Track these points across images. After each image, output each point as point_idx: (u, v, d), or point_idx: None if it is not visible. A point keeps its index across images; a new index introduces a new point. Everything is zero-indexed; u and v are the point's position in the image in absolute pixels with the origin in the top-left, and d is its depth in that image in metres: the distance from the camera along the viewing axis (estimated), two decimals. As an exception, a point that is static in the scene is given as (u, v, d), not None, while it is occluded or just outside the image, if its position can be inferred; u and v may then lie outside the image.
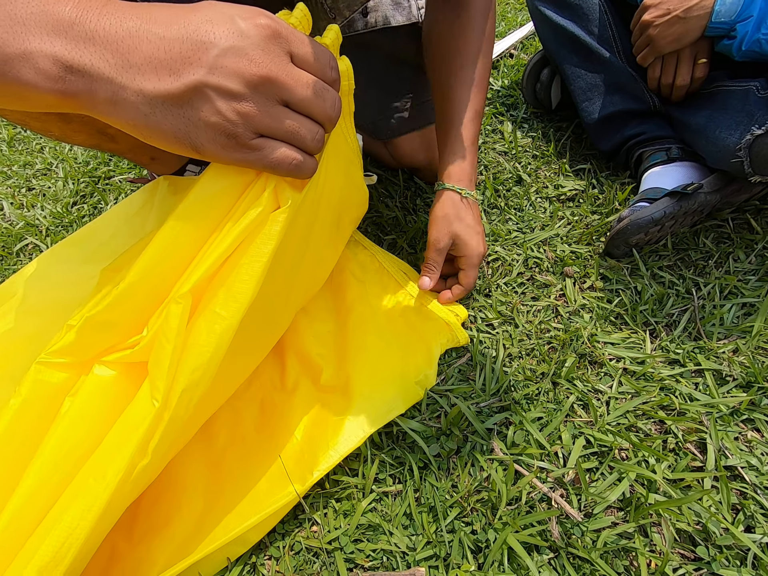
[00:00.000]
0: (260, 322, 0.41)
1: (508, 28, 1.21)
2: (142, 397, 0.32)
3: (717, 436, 0.45)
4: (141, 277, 0.32)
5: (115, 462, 0.31)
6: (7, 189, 0.90)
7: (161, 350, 0.31)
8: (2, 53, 0.24)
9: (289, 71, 0.28)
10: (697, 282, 0.59)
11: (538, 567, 0.39)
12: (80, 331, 0.32)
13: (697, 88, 0.66)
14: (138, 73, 0.26)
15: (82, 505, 0.30)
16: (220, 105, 0.27)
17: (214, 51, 0.26)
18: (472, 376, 0.52)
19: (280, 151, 0.29)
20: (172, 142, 0.29)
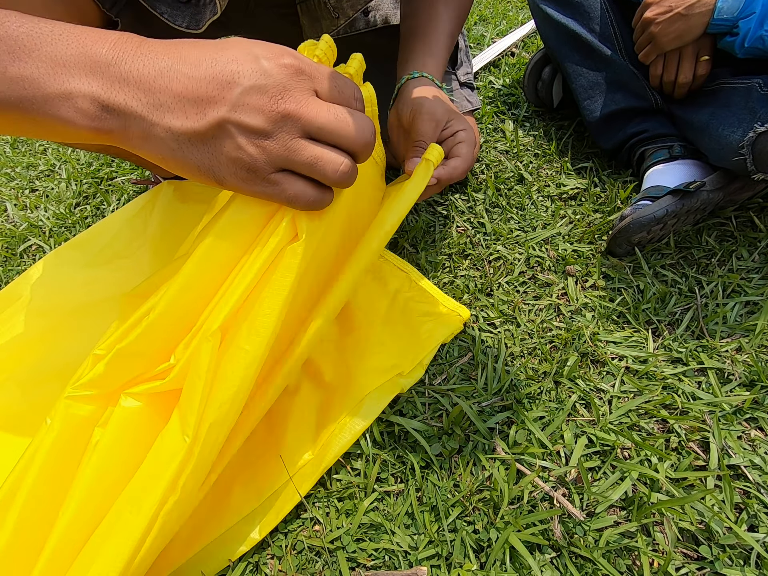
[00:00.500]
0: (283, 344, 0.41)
1: (510, 27, 1.21)
2: (172, 431, 0.33)
3: (720, 435, 0.45)
4: (170, 306, 0.32)
5: (150, 496, 0.31)
6: (10, 190, 0.91)
7: (192, 386, 0.32)
8: (43, 92, 0.26)
9: (309, 104, 0.28)
10: (700, 280, 0.59)
11: (540, 566, 0.39)
12: (110, 363, 0.32)
13: (700, 85, 0.66)
14: (167, 111, 0.27)
15: (120, 540, 0.31)
16: (241, 141, 0.28)
17: (237, 90, 0.27)
18: (474, 375, 0.52)
19: (296, 187, 0.30)
20: (196, 175, 0.30)
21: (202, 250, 0.32)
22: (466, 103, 0.74)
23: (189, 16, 0.50)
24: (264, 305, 0.33)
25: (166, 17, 0.48)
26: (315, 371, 0.52)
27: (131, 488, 0.32)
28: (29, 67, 0.25)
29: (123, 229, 0.61)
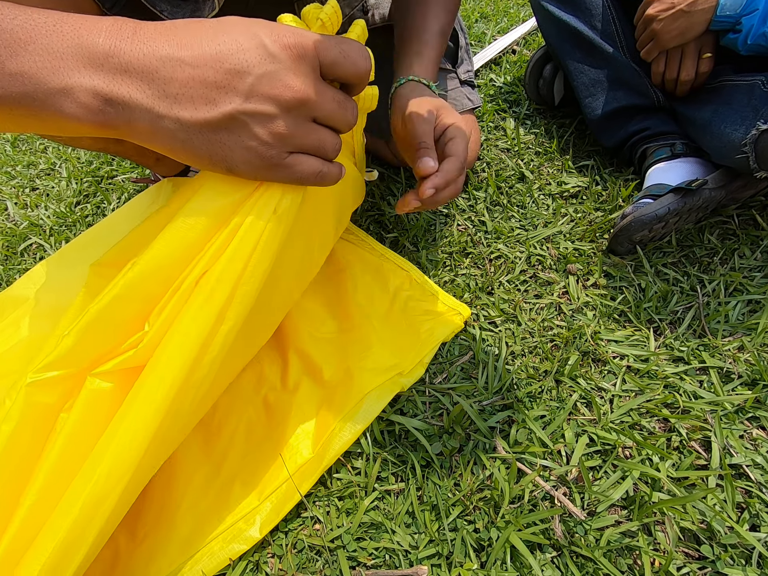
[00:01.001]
0: (264, 305, 0.41)
1: (511, 24, 1.20)
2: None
3: (722, 434, 0.44)
4: (151, 267, 0.31)
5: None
6: (11, 189, 0.91)
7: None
8: (44, 88, 0.25)
9: (318, 89, 0.29)
10: (702, 279, 0.59)
11: (540, 566, 0.39)
12: (78, 335, 0.30)
13: (702, 82, 0.66)
14: (175, 102, 0.27)
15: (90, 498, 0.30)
16: (257, 130, 0.28)
17: (248, 79, 0.27)
18: (475, 374, 0.52)
19: (307, 165, 0.31)
20: (206, 164, 0.30)
21: (185, 216, 0.31)
22: (466, 101, 0.74)
23: (189, 13, 0.50)
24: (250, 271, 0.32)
25: (165, 15, 0.48)
26: (315, 370, 0.52)
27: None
28: (27, 61, 0.24)
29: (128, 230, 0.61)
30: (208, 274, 0.32)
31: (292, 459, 0.45)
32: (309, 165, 0.31)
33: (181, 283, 0.32)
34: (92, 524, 0.30)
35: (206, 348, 0.32)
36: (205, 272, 0.32)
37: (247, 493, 0.43)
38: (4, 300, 0.53)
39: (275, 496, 0.43)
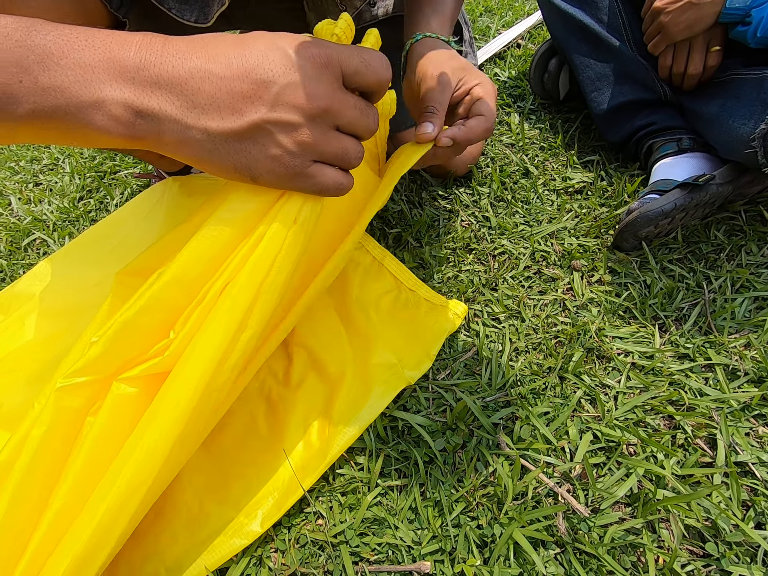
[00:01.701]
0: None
1: (516, 18, 1.19)
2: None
3: (727, 431, 0.44)
4: (177, 277, 0.32)
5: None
6: (14, 184, 0.91)
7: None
8: (76, 101, 0.25)
9: (340, 98, 0.29)
10: (708, 275, 0.58)
11: (544, 562, 0.38)
12: (107, 343, 0.31)
13: (710, 76, 0.65)
14: (202, 113, 0.27)
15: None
16: (282, 139, 0.28)
17: (274, 89, 0.27)
18: (478, 370, 0.52)
19: (328, 177, 0.31)
20: (231, 173, 0.30)
21: (213, 224, 0.32)
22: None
23: (197, 10, 0.49)
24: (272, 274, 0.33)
25: (174, 12, 0.48)
26: (320, 365, 0.52)
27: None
28: (59, 76, 0.25)
29: (133, 231, 0.61)
30: (231, 284, 0.32)
31: (296, 454, 0.45)
32: (331, 176, 0.31)
33: (206, 293, 0.33)
34: (115, 527, 0.31)
35: (228, 355, 0.33)
36: (228, 282, 0.32)
37: (249, 488, 0.43)
38: (9, 297, 0.53)
39: (277, 490, 0.43)
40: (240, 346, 0.33)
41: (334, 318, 0.56)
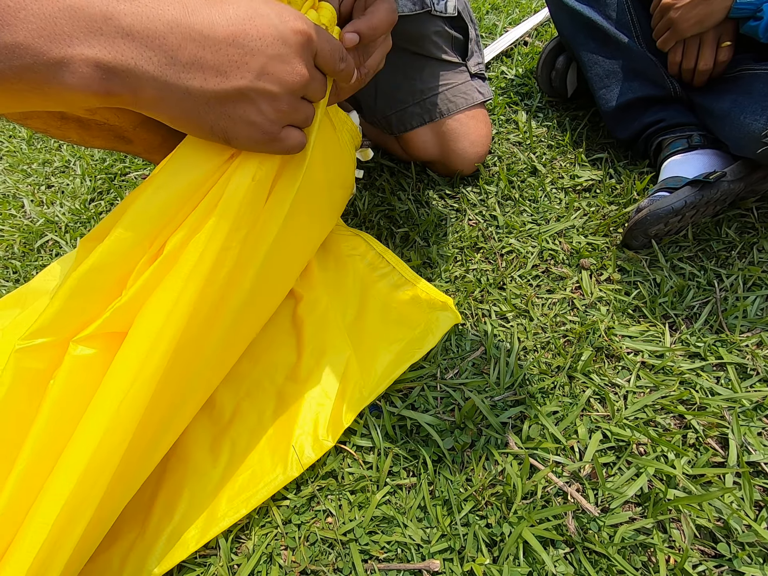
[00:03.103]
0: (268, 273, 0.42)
1: (523, 15, 1.18)
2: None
3: (739, 431, 0.44)
4: (128, 229, 0.31)
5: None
6: (27, 187, 0.93)
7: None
8: (43, 60, 0.23)
9: (313, 74, 0.31)
10: (719, 273, 0.58)
11: (553, 561, 0.38)
12: (62, 302, 0.31)
13: (721, 72, 0.64)
14: (183, 71, 0.27)
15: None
16: (264, 107, 0.30)
17: (261, 58, 0.28)
18: (486, 369, 0.52)
19: (294, 138, 0.33)
20: (206, 134, 0.31)
21: (155, 186, 0.32)
22: (477, 94, 0.73)
23: None
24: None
25: None
26: (326, 358, 0.52)
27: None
28: (21, 31, 0.22)
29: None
30: (195, 240, 0.32)
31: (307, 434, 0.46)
32: (297, 137, 0.33)
33: (162, 249, 0.32)
34: (87, 502, 0.30)
35: (198, 310, 0.33)
36: (189, 238, 0.32)
37: (254, 477, 0.44)
38: (26, 292, 0.54)
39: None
40: (208, 300, 0.33)
41: (342, 307, 0.57)
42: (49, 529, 0.29)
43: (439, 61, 0.70)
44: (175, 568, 0.41)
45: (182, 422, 0.42)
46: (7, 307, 0.53)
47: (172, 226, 0.33)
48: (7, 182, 0.94)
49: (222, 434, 0.47)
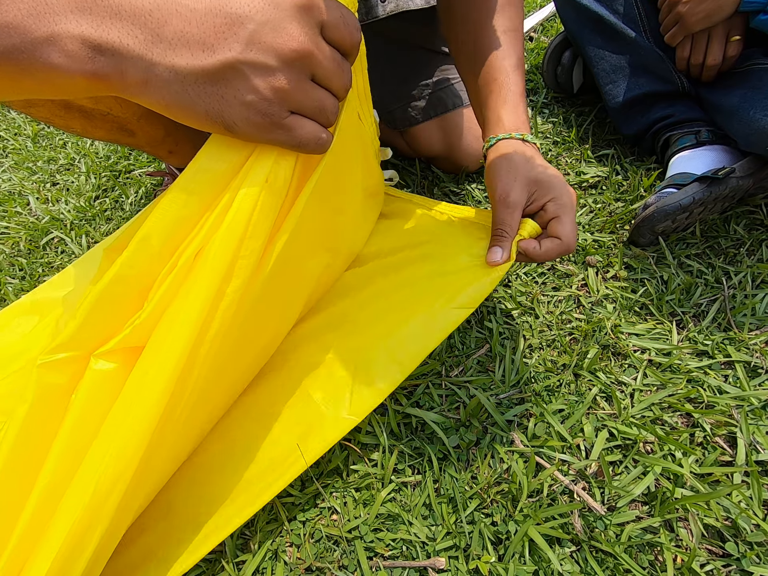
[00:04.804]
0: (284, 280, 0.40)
1: (528, 10, 1.17)
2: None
3: (748, 429, 0.43)
4: (146, 242, 0.31)
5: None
6: (32, 184, 0.93)
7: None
8: (30, 38, 0.23)
9: (319, 44, 0.27)
10: (728, 271, 0.57)
11: (559, 560, 0.38)
12: (83, 316, 0.30)
13: (730, 67, 0.63)
14: (169, 48, 0.25)
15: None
16: (257, 82, 0.26)
17: (250, 26, 0.25)
18: (492, 367, 0.52)
19: (307, 130, 0.29)
20: (203, 121, 0.28)
21: (177, 191, 0.31)
22: (483, 90, 0.72)
23: None
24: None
25: None
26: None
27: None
28: (11, 10, 0.23)
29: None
30: (206, 250, 0.31)
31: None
32: (310, 129, 0.29)
33: (178, 260, 0.32)
34: (98, 519, 0.30)
35: (208, 324, 0.32)
36: (202, 248, 0.31)
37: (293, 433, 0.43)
38: (44, 300, 0.53)
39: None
40: (219, 314, 0.32)
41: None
42: (64, 537, 0.29)
43: (445, 56, 0.70)
44: (181, 564, 0.41)
45: (204, 426, 0.42)
46: (24, 313, 0.52)
47: (193, 235, 0.32)
48: (12, 180, 0.94)
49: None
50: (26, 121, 1.14)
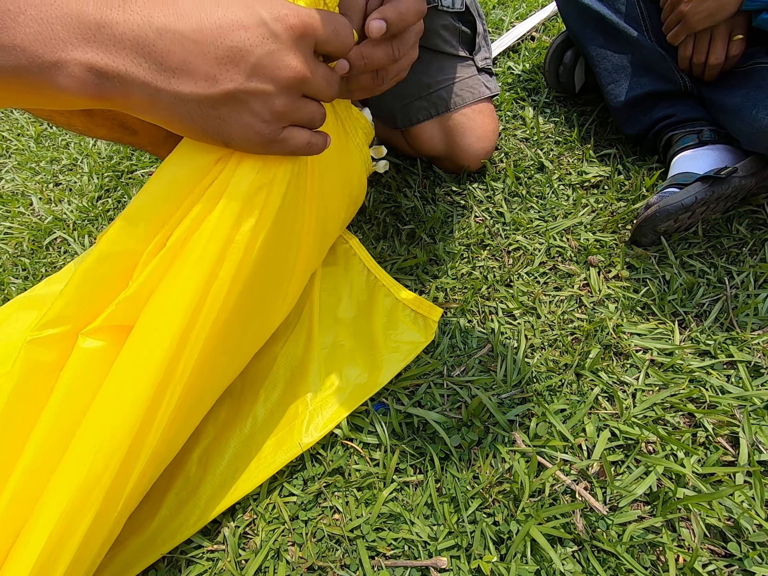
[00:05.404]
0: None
1: (530, 10, 1.17)
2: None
3: (750, 430, 0.43)
4: (130, 218, 0.31)
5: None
6: (35, 184, 0.93)
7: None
8: (38, 62, 0.25)
9: (312, 68, 0.29)
10: (730, 270, 0.57)
11: (561, 559, 0.38)
12: (72, 290, 0.30)
13: (732, 66, 0.63)
14: (173, 76, 0.27)
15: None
16: (257, 108, 0.29)
17: (251, 58, 0.27)
18: (493, 367, 0.52)
19: (299, 139, 0.32)
20: (200, 137, 0.30)
21: (159, 174, 0.32)
22: (484, 89, 0.72)
23: None
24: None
25: None
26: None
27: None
28: (18, 34, 0.24)
29: None
30: (199, 232, 0.32)
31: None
32: (301, 137, 0.32)
33: (165, 240, 0.32)
34: (94, 494, 0.30)
35: (201, 304, 0.32)
36: (193, 230, 0.32)
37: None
38: (44, 295, 0.54)
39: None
40: (212, 295, 0.33)
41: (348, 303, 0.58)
42: (56, 521, 0.29)
43: (447, 55, 0.70)
44: (183, 563, 0.41)
45: (200, 411, 0.42)
46: (23, 308, 0.52)
47: (177, 218, 0.32)
48: (15, 180, 0.95)
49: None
50: (29, 121, 1.15)
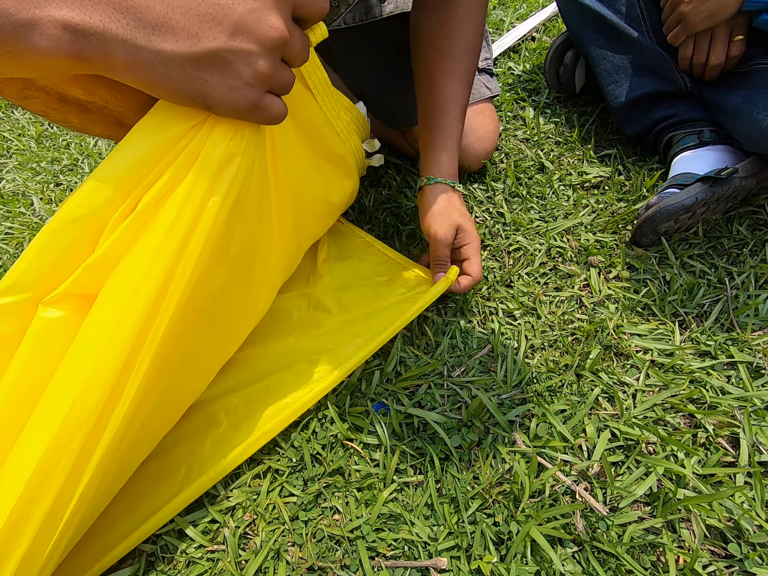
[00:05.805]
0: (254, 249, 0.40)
1: (530, 10, 1.17)
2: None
3: (751, 430, 0.43)
4: (97, 183, 0.30)
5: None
6: (36, 185, 0.93)
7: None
8: (12, 20, 0.23)
9: (292, 30, 0.29)
10: (731, 271, 0.57)
11: (561, 560, 0.38)
12: (33, 254, 0.29)
13: (733, 66, 0.63)
14: (153, 33, 0.26)
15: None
16: (241, 69, 0.27)
17: (233, 15, 0.26)
18: (494, 367, 0.52)
19: (277, 107, 0.31)
20: (185, 100, 0.29)
21: (130, 138, 0.31)
22: (484, 89, 0.72)
23: None
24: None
25: None
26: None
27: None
28: None
29: None
30: (170, 200, 0.30)
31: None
32: (279, 106, 0.31)
33: (134, 204, 0.31)
34: (60, 467, 0.28)
35: (173, 271, 0.31)
36: (164, 195, 0.31)
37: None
38: None
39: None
40: (185, 262, 0.31)
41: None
42: (19, 495, 0.27)
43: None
44: (183, 563, 0.41)
45: (187, 385, 0.41)
46: None
47: (147, 183, 0.31)
48: (16, 180, 0.95)
49: None
50: (30, 121, 1.15)
